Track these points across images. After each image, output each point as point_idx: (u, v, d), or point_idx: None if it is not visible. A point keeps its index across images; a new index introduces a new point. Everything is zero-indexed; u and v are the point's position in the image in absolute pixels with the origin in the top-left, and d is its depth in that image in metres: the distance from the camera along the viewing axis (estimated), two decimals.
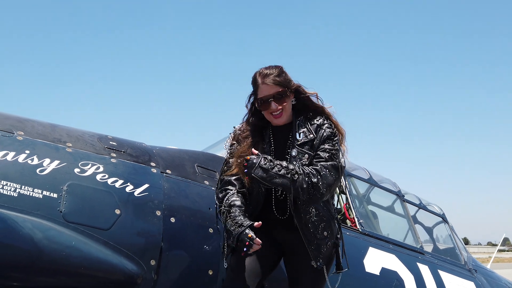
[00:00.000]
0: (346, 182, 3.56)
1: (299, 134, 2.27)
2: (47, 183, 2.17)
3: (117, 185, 2.34)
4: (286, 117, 2.31)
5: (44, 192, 2.15)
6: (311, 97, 2.35)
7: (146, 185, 2.43)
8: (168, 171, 2.60)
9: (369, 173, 3.99)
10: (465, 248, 4.82)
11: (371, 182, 4.00)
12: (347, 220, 3.47)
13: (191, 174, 2.71)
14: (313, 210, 2.24)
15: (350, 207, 3.51)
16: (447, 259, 4.24)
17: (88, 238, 2.16)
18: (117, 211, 2.27)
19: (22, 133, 2.29)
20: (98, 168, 2.34)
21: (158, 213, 2.39)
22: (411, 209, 4.36)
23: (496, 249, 9.59)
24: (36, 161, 2.21)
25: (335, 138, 2.29)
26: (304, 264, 2.29)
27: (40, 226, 2.05)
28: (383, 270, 3.30)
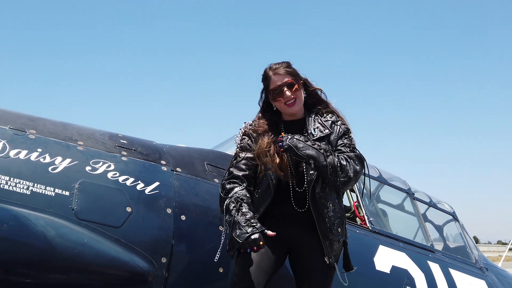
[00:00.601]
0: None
1: (314, 129, 2.33)
2: (59, 181, 2.19)
3: (128, 183, 2.35)
4: (299, 107, 2.36)
5: (56, 190, 2.16)
6: (316, 90, 2.43)
7: (157, 183, 2.44)
8: (178, 169, 2.61)
9: (379, 171, 3.97)
10: (476, 247, 4.79)
11: (381, 180, 3.99)
12: (357, 218, 3.46)
13: (201, 172, 2.71)
14: (331, 205, 2.28)
15: (359, 205, 3.50)
16: (457, 257, 4.21)
17: (100, 235, 2.17)
18: (128, 209, 2.29)
19: (34, 132, 2.31)
20: (109, 166, 2.35)
21: (169, 211, 2.40)
22: (421, 207, 4.33)
23: (507, 248, 9.51)
24: (48, 159, 2.23)
25: (351, 134, 2.36)
26: (316, 260, 2.28)
27: (52, 223, 2.07)
28: (394, 268, 3.29)
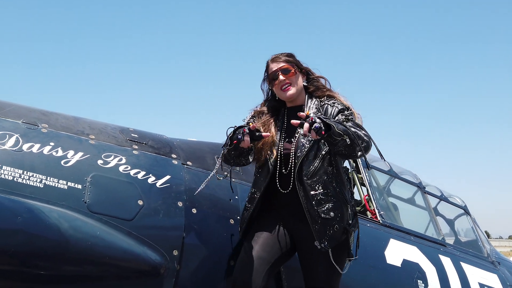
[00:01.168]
0: (366, 174, 3.54)
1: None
2: (71, 174, 2.21)
3: (140, 176, 2.37)
4: (295, 92, 2.40)
5: (69, 183, 2.18)
6: (321, 80, 2.47)
7: (168, 177, 2.45)
8: (189, 162, 2.62)
9: (389, 164, 3.96)
10: (488, 241, 4.75)
11: (392, 174, 3.97)
12: (368, 212, 3.45)
13: (211, 165, 2.71)
14: (320, 188, 2.25)
15: (370, 198, 3.49)
16: (469, 251, 4.18)
17: (112, 228, 2.19)
18: (140, 202, 2.30)
19: (47, 126, 2.33)
20: (120, 159, 2.37)
21: (180, 204, 2.41)
22: (432, 201, 4.31)
23: None
24: (60, 153, 2.24)
25: (350, 111, 2.32)
26: (311, 247, 2.28)
27: (65, 216, 2.08)
28: (405, 262, 3.28)
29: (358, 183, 3.59)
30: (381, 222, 3.36)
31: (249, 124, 2.24)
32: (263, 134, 2.21)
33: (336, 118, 2.27)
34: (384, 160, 3.09)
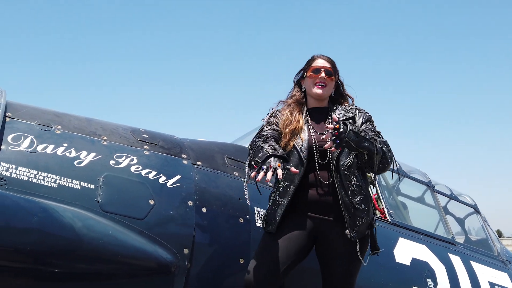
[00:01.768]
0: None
1: (339, 114, 2.47)
2: (84, 174, 2.26)
3: (151, 176, 2.41)
4: (325, 94, 2.51)
5: (82, 183, 2.23)
6: (347, 96, 2.60)
7: (178, 176, 2.49)
8: (198, 162, 2.66)
9: (398, 163, 3.94)
10: (499, 240, 4.74)
11: (401, 173, 3.97)
12: (377, 211, 3.47)
13: (221, 165, 2.76)
14: (354, 180, 2.36)
15: (379, 197, 3.50)
16: (479, 250, 4.17)
17: (124, 227, 2.23)
18: (151, 202, 2.34)
19: (60, 127, 2.38)
20: (132, 160, 2.42)
21: (190, 204, 2.45)
22: (442, 200, 4.31)
23: None
24: (73, 153, 2.29)
25: (373, 123, 2.51)
26: (340, 240, 2.34)
27: (79, 215, 2.13)
28: (414, 261, 3.29)
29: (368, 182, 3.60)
30: (390, 221, 3.38)
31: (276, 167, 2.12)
32: (292, 170, 2.16)
33: (364, 126, 2.42)
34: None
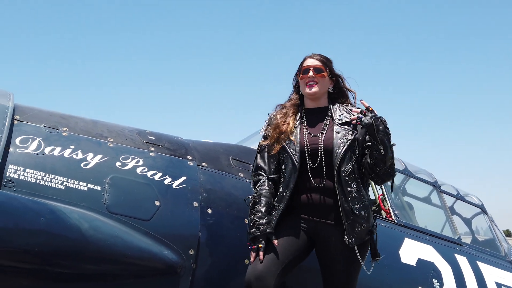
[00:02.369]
0: None
1: (339, 116, 2.45)
2: (91, 176, 2.29)
3: (156, 177, 2.44)
4: (319, 93, 2.49)
5: (89, 185, 2.26)
6: (348, 92, 2.57)
7: (184, 178, 2.51)
8: (204, 164, 2.68)
9: (404, 164, 3.96)
10: (506, 240, 4.71)
11: (407, 173, 3.97)
12: (382, 211, 3.47)
13: (226, 166, 2.78)
14: (355, 186, 2.35)
15: (385, 198, 3.50)
16: (486, 250, 4.16)
17: (130, 228, 2.26)
18: (157, 203, 2.37)
19: (67, 129, 2.42)
20: (138, 161, 2.44)
21: (195, 205, 2.47)
22: (449, 200, 4.29)
23: None
24: (80, 155, 2.32)
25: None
26: (339, 245, 2.35)
27: (86, 217, 2.16)
28: (420, 261, 3.28)
29: (373, 183, 3.60)
30: (395, 221, 3.37)
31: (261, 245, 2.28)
32: (274, 242, 2.28)
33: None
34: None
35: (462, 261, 3.65)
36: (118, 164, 2.39)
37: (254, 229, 2.30)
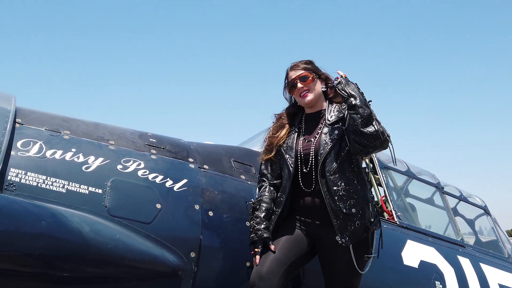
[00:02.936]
0: (383, 175, 3.54)
1: (331, 116, 2.48)
2: (92, 179, 2.29)
3: (158, 180, 2.44)
4: (314, 98, 2.52)
5: (90, 188, 2.26)
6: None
7: (185, 180, 2.51)
8: (205, 166, 2.68)
9: (407, 165, 3.94)
10: (509, 241, 4.69)
11: (409, 175, 3.96)
12: (384, 213, 3.45)
13: (227, 169, 2.77)
14: (342, 184, 2.33)
15: (387, 199, 3.49)
16: (489, 252, 4.14)
17: (131, 231, 2.26)
18: (158, 206, 2.37)
19: (68, 132, 2.42)
20: (139, 164, 2.44)
21: (197, 207, 2.47)
22: (451, 201, 4.27)
23: None
24: (81, 158, 2.33)
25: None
26: (332, 247, 2.37)
27: (87, 220, 2.16)
28: (422, 263, 3.27)
29: (375, 184, 3.59)
30: (398, 223, 3.36)
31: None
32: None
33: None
34: (401, 163, 3.14)
35: (465, 262, 3.63)
36: (119, 167, 2.39)
37: (253, 234, 2.39)
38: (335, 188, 2.33)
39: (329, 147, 2.38)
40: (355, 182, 2.37)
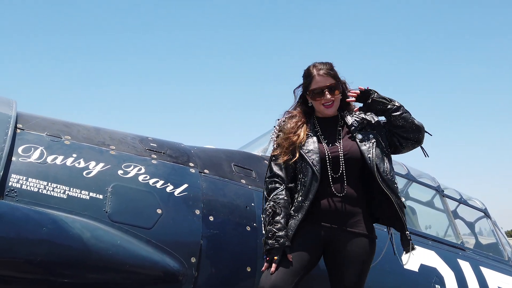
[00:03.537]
0: None
1: (352, 123, 2.48)
2: (93, 185, 2.29)
3: (158, 185, 2.44)
4: (335, 109, 2.49)
5: (91, 194, 2.27)
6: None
7: (186, 185, 2.52)
8: (206, 170, 2.68)
9: (407, 168, 3.95)
10: (509, 244, 4.69)
11: (409, 178, 3.96)
12: None
13: (228, 173, 2.78)
14: (396, 181, 2.46)
15: None
16: (489, 255, 4.14)
17: (132, 236, 2.27)
18: (159, 211, 2.37)
19: (69, 138, 2.42)
20: (140, 169, 2.45)
21: (197, 212, 2.48)
22: (451, 204, 4.28)
23: None
24: (82, 164, 2.33)
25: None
26: (356, 249, 2.36)
27: (88, 226, 2.17)
28: (422, 267, 3.28)
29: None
30: None
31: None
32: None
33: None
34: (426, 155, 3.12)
35: (465, 266, 3.64)
36: (120, 172, 2.39)
37: (273, 241, 2.24)
38: (395, 185, 2.42)
39: (373, 150, 2.40)
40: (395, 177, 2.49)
